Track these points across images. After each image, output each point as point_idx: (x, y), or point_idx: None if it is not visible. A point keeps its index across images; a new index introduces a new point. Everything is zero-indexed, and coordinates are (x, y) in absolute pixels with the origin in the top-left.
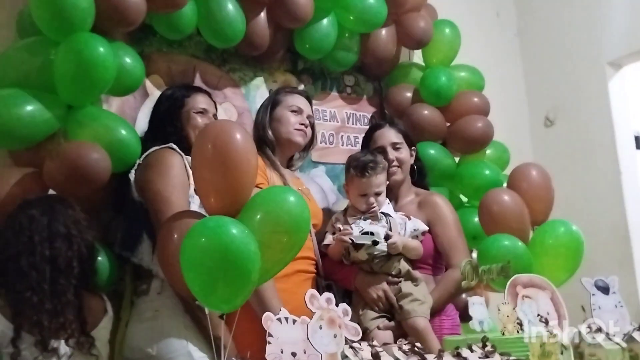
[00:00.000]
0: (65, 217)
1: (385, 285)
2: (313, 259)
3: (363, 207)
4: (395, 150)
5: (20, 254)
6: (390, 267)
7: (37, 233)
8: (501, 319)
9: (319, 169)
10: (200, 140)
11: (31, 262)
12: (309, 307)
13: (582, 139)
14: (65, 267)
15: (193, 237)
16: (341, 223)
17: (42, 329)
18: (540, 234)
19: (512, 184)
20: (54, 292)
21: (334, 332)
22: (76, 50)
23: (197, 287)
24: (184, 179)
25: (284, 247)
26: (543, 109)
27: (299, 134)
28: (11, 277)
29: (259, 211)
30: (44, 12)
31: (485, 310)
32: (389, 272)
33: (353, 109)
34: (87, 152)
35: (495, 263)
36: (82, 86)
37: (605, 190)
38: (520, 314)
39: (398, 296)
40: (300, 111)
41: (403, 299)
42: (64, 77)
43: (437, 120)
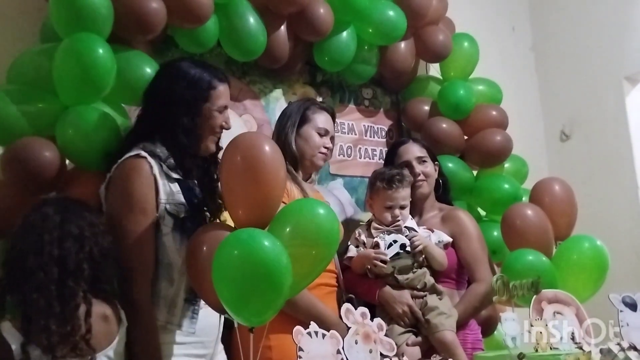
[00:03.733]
0: (80, 218)
1: (410, 300)
2: (334, 272)
3: (388, 220)
4: (421, 164)
5: (28, 252)
6: (416, 280)
7: (48, 232)
8: (535, 336)
9: (337, 181)
10: (229, 152)
11: (39, 261)
12: (345, 321)
13: (599, 154)
14: (75, 269)
15: (226, 249)
16: (365, 236)
17: (50, 335)
18: (565, 249)
19: (534, 199)
20: (61, 294)
21: (369, 348)
22: (75, 52)
23: (228, 300)
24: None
25: (313, 260)
26: (559, 123)
27: (322, 158)
28: (19, 277)
29: (288, 224)
30: (63, 19)
31: (517, 326)
32: (414, 285)
33: (371, 122)
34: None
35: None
36: (79, 88)
37: (623, 205)
38: (553, 330)
39: (424, 310)
40: (327, 133)
41: (429, 313)
42: (63, 78)
43: (455, 133)
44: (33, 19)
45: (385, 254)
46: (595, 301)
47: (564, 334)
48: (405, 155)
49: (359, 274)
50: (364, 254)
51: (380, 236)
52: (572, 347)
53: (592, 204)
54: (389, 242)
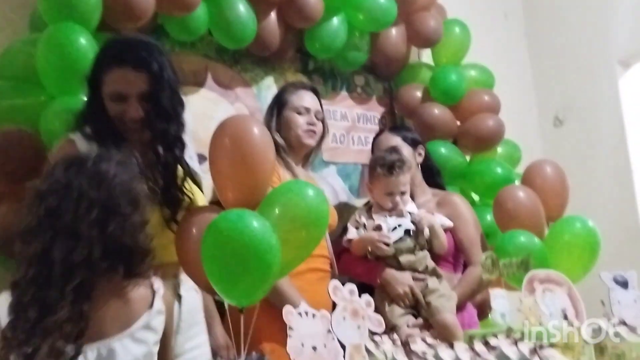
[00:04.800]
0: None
1: (411, 281)
2: (327, 257)
3: (389, 206)
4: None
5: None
6: (417, 262)
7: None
8: (523, 311)
9: (330, 168)
10: (218, 135)
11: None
12: (333, 298)
13: (592, 139)
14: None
15: (214, 230)
16: (366, 218)
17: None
18: (557, 230)
19: (526, 181)
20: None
21: (357, 324)
22: (57, 42)
23: (218, 281)
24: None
25: (302, 242)
26: (552, 109)
27: (308, 136)
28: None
29: (277, 205)
30: (50, 7)
31: (507, 302)
32: (415, 267)
33: (363, 109)
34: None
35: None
36: (63, 78)
37: (616, 189)
38: (542, 306)
39: (425, 292)
40: (307, 111)
41: (430, 295)
42: (46, 69)
43: (447, 119)
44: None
45: (389, 236)
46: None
47: (554, 310)
48: (379, 146)
49: (359, 256)
50: (367, 236)
51: (382, 219)
52: (561, 322)
53: (585, 189)
54: (393, 226)
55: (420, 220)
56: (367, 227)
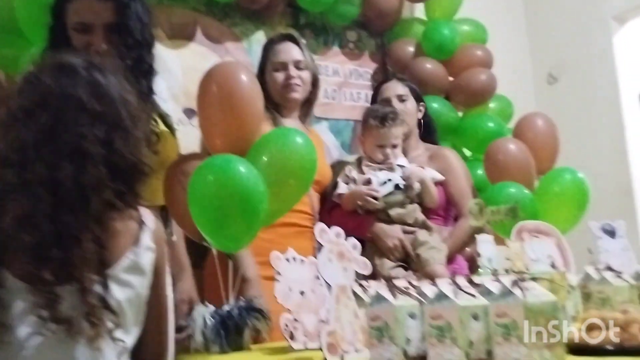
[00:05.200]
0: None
1: (401, 234)
2: (308, 213)
3: (380, 158)
4: (401, 103)
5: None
6: (407, 215)
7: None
8: (510, 256)
9: (322, 124)
10: (205, 82)
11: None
12: (319, 240)
13: (586, 96)
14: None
15: (201, 175)
16: (356, 173)
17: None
18: (547, 182)
19: (517, 134)
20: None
21: (343, 266)
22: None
23: (205, 226)
24: None
25: (290, 190)
26: (546, 66)
27: (291, 90)
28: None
29: (265, 152)
30: None
31: (493, 247)
32: (405, 221)
33: (355, 65)
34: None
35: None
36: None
37: (608, 146)
38: (529, 251)
39: (414, 245)
40: (284, 66)
41: (420, 247)
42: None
43: (440, 74)
44: None
45: (377, 190)
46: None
47: (540, 256)
48: (386, 92)
49: (349, 211)
50: (356, 190)
51: (372, 173)
52: (548, 268)
53: (578, 146)
54: (383, 180)
55: (410, 175)
56: (357, 181)
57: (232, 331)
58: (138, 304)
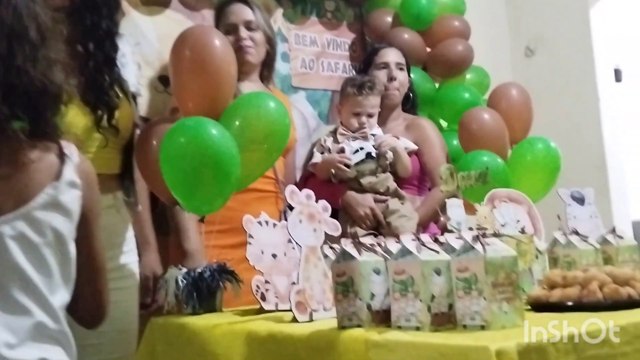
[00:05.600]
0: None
1: (372, 203)
2: (272, 178)
3: (355, 126)
4: (399, 71)
5: None
6: (379, 184)
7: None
8: (478, 219)
9: (299, 94)
10: (177, 45)
11: None
12: (289, 202)
13: (562, 69)
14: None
15: (173, 137)
16: (331, 142)
17: None
18: (519, 151)
19: (492, 103)
20: None
21: (314, 227)
22: None
23: (177, 189)
24: None
25: (263, 154)
26: (524, 39)
27: (241, 53)
28: None
29: (238, 116)
30: None
31: (463, 211)
32: (377, 189)
33: (333, 35)
34: None
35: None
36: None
37: (583, 119)
38: (497, 215)
39: (385, 213)
40: (235, 27)
41: (391, 216)
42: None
43: (417, 44)
44: None
45: (349, 157)
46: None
47: (509, 220)
48: (387, 56)
49: (323, 180)
50: (329, 158)
51: (345, 142)
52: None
53: (554, 120)
54: (355, 148)
55: (381, 143)
56: (332, 150)
57: (204, 293)
58: (63, 251)
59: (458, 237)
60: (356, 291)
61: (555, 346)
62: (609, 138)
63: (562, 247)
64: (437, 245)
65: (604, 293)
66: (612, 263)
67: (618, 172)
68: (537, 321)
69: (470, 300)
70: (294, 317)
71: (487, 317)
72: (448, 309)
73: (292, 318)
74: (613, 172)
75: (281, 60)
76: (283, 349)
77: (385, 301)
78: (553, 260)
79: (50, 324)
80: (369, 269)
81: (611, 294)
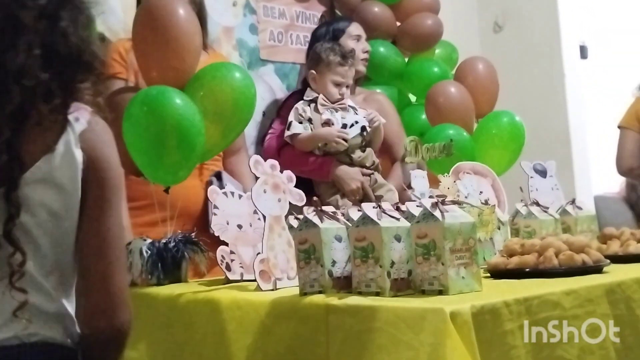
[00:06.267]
0: None
1: (362, 177)
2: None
3: (336, 97)
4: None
5: None
6: (366, 159)
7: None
8: (442, 190)
9: (268, 67)
10: (141, 14)
11: None
12: (253, 172)
13: (529, 44)
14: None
15: (135, 106)
16: (310, 112)
17: None
18: (485, 124)
19: (459, 77)
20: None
21: (278, 197)
22: None
23: (141, 158)
24: None
25: (228, 124)
26: (492, 14)
27: None
28: None
29: (203, 87)
30: None
31: (427, 182)
32: (364, 164)
33: (303, 7)
34: None
35: None
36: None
37: (548, 94)
38: (460, 186)
39: (374, 187)
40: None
41: (380, 189)
42: None
43: (387, 18)
44: None
45: (347, 132)
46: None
47: (471, 191)
48: (357, 30)
49: (303, 152)
50: (326, 132)
51: (327, 113)
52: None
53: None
54: (350, 122)
55: (374, 118)
56: (314, 120)
57: (169, 263)
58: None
59: (418, 204)
60: (318, 258)
61: (508, 308)
62: (574, 113)
63: (523, 217)
64: (398, 212)
65: (559, 260)
66: (571, 233)
67: (581, 147)
68: (494, 287)
69: (429, 266)
70: (258, 286)
71: (445, 282)
72: (408, 274)
73: (256, 287)
74: (577, 147)
75: (249, 32)
76: (246, 315)
77: (346, 268)
78: (515, 231)
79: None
80: (330, 236)
81: (566, 261)
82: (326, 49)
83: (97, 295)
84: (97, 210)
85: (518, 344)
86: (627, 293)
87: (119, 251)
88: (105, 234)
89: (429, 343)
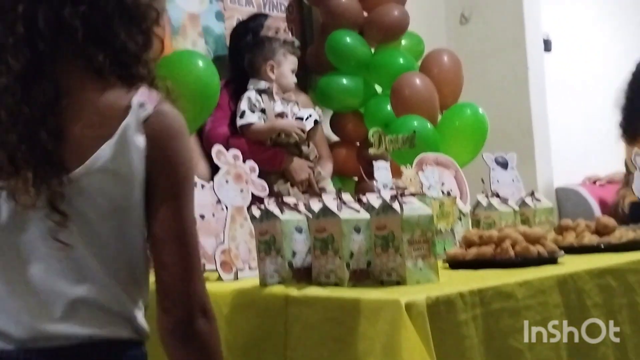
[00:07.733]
0: None
1: (308, 169)
2: None
3: (291, 86)
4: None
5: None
6: (311, 152)
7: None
8: (404, 181)
9: None
10: None
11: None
12: (216, 162)
13: (494, 37)
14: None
15: None
16: (266, 102)
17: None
18: (448, 116)
19: (424, 69)
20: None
21: (240, 187)
22: None
23: None
24: None
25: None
26: (459, 6)
27: None
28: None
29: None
30: None
31: (389, 173)
32: (309, 156)
33: None
34: None
35: None
36: None
37: (512, 87)
38: (422, 178)
39: (318, 178)
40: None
41: (322, 181)
42: None
43: (354, 8)
44: None
45: (305, 125)
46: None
47: (433, 182)
48: (277, 23)
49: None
50: (287, 123)
51: (279, 103)
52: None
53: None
54: (305, 115)
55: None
56: (267, 110)
57: None
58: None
59: (378, 196)
60: (278, 249)
61: (463, 299)
62: (536, 106)
63: (484, 209)
64: (358, 204)
65: (515, 251)
66: (530, 224)
67: (544, 140)
68: (451, 277)
69: (388, 257)
70: (220, 277)
71: (402, 274)
72: (367, 265)
73: (217, 277)
74: (539, 139)
75: (215, 19)
76: None
77: (306, 259)
78: (475, 222)
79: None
80: (291, 227)
81: (522, 252)
82: (281, 40)
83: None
84: (167, 202)
85: (472, 334)
86: (578, 284)
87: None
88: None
89: (385, 333)
